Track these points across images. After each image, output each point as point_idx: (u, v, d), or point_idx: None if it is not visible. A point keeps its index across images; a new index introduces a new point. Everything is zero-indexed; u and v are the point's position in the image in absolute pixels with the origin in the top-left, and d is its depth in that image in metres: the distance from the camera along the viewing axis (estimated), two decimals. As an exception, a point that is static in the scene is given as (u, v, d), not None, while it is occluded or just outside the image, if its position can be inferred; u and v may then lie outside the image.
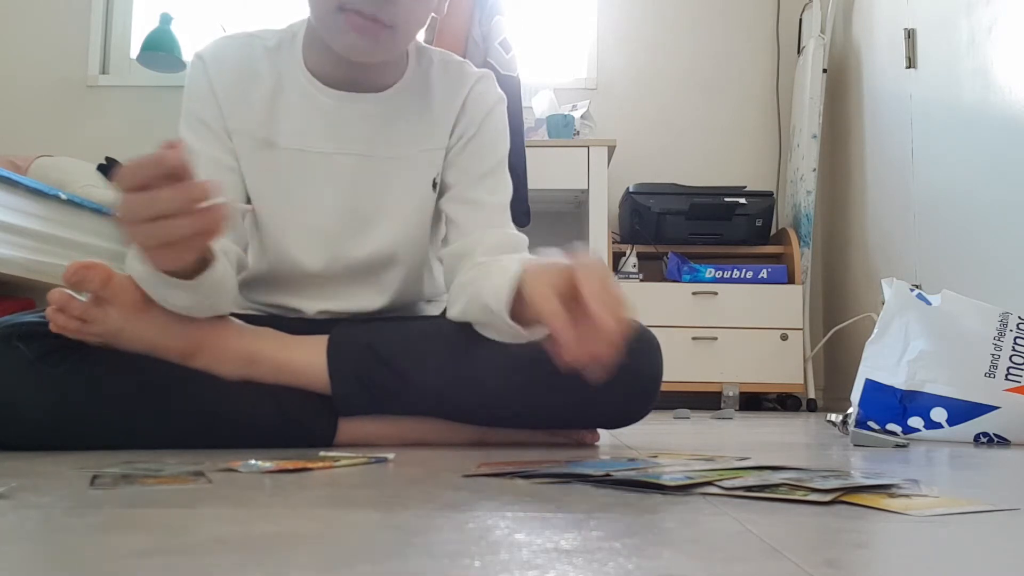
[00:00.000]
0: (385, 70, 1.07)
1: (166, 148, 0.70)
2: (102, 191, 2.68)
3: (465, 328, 1.03)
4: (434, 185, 1.10)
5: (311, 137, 1.05)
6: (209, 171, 1.02)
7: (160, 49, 3.00)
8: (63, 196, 2.33)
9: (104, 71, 3.28)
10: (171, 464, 0.78)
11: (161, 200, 0.71)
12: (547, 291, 0.77)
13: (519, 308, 0.87)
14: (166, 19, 3.02)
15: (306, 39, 1.06)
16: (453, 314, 1.02)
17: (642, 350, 1.04)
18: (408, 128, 1.07)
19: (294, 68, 1.06)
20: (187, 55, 3.04)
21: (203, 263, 0.86)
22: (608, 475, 0.69)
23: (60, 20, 3.27)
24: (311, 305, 1.08)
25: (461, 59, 1.14)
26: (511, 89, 2.53)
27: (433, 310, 1.19)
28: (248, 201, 1.07)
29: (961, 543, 0.48)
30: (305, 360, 0.98)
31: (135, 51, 3.10)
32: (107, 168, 2.83)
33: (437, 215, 1.12)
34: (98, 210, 2.50)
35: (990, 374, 1.25)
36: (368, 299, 1.09)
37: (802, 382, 2.76)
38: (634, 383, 1.03)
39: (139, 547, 0.42)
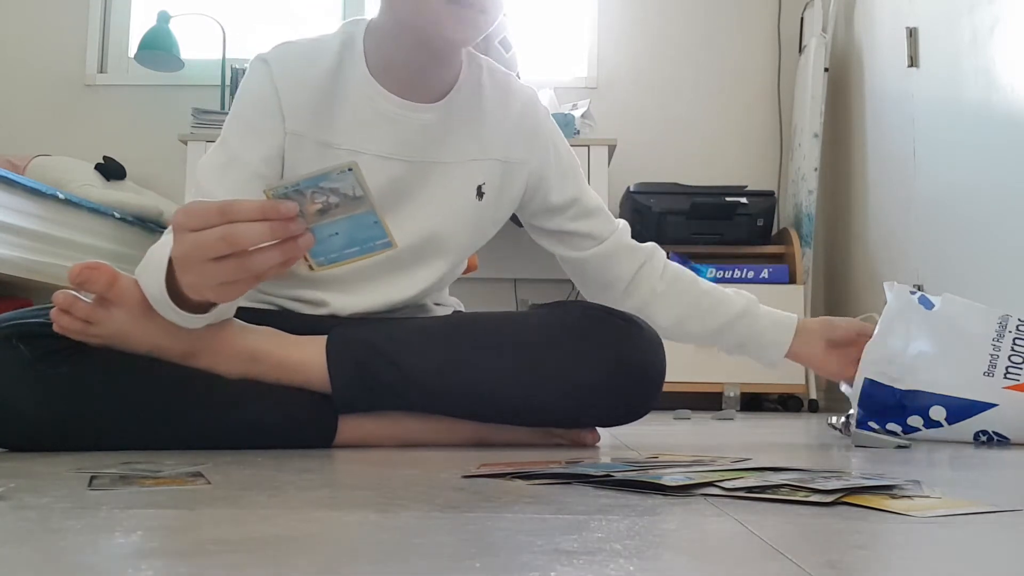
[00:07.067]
0: (444, 73, 1.08)
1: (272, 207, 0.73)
2: (100, 191, 2.67)
3: (464, 323, 1.03)
4: (479, 193, 1.11)
5: (367, 140, 1.05)
6: (238, 180, 1.01)
7: (158, 48, 2.99)
8: (61, 196, 2.33)
9: (102, 70, 3.27)
10: (169, 465, 0.78)
11: (247, 235, 0.73)
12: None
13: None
14: (164, 17, 3.02)
15: (368, 42, 1.06)
16: (670, 322, 1.18)
17: (644, 346, 1.04)
18: (460, 138, 1.09)
19: (356, 71, 1.06)
20: (185, 54, 3.03)
21: None
22: (608, 476, 0.68)
23: (58, 19, 3.27)
24: (335, 297, 1.07)
25: (506, 71, 1.17)
26: (511, 88, 2.52)
27: (440, 312, 1.19)
28: None
29: (963, 544, 0.48)
30: (305, 357, 0.98)
31: (133, 50, 3.09)
32: (105, 167, 2.82)
33: (540, 231, 1.21)
34: (96, 210, 2.50)
35: (989, 373, 1.25)
36: (394, 293, 1.08)
37: (803, 383, 2.76)
38: (636, 379, 1.03)
39: (138, 548, 0.41)
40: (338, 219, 0.75)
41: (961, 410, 1.25)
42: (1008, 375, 1.24)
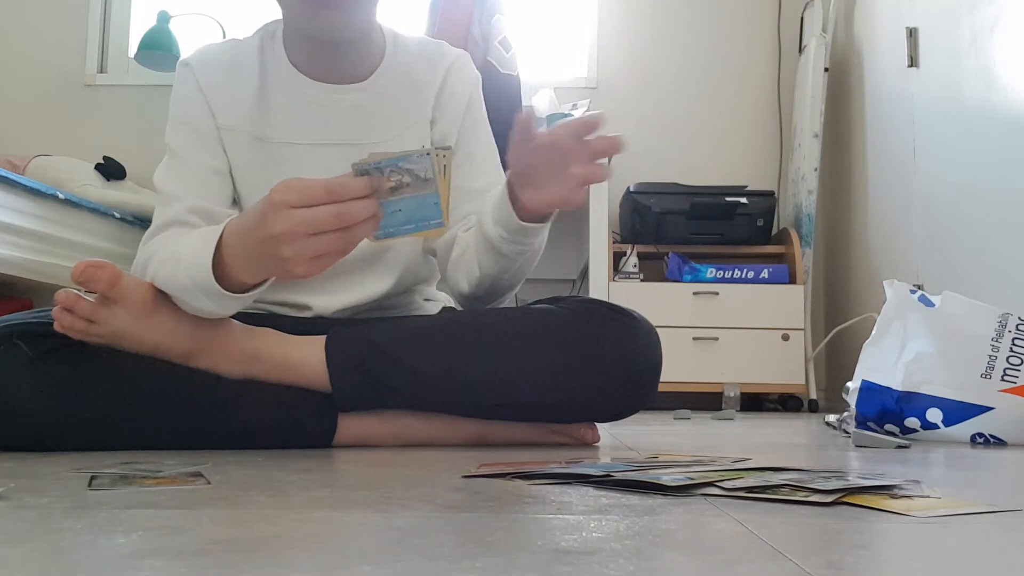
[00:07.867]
0: (364, 56, 1.10)
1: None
2: (100, 191, 2.67)
3: (463, 320, 1.04)
4: None
5: (300, 130, 1.08)
6: (197, 175, 1.05)
7: (158, 48, 2.99)
8: (61, 195, 2.33)
9: (102, 70, 3.27)
10: (169, 465, 0.78)
11: (359, 212, 0.78)
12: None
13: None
14: (164, 17, 3.02)
15: (285, 36, 1.10)
16: (463, 277, 1.06)
17: (642, 340, 1.05)
18: (392, 110, 1.11)
19: (279, 65, 1.09)
20: (185, 54, 3.03)
21: None
22: (608, 476, 0.68)
23: (58, 19, 3.27)
24: (316, 299, 1.08)
25: (437, 41, 1.18)
26: (511, 88, 2.52)
27: (432, 309, 1.19)
28: (235, 201, 1.09)
29: (963, 544, 0.48)
30: (305, 357, 0.98)
31: (133, 50, 3.09)
32: (105, 167, 2.82)
33: None
34: (96, 210, 2.50)
35: (986, 375, 1.24)
36: (371, 285, 1.10)
37: (803, 383, 2.76)
38: (634, 373, 1.03)
39: (138, 548, 0.41)
40: (404, 197, 0.80)
41: (958, 413, 1.25)
42: (1005, 377, 1.24)
